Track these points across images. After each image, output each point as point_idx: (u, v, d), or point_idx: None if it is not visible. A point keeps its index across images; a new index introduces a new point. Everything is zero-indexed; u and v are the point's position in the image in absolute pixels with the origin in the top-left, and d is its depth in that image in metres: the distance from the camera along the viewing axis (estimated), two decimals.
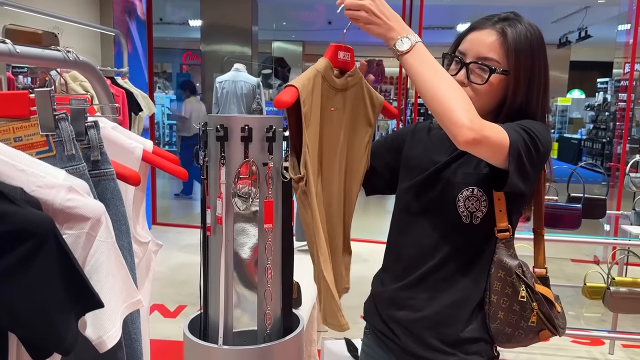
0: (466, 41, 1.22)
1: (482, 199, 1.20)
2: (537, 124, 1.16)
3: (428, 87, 1.06)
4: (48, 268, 0.65)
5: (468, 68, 1.19)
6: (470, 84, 1.19)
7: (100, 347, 0.75)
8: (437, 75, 1.08)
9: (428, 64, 1.09)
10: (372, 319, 1.39)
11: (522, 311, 1.20)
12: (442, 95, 1.05)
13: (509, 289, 1.20)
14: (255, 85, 5.79)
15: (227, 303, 1.77)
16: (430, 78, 1.07)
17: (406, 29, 1.11)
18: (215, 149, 1.62)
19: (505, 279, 1.20)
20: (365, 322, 1.45)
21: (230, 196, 1.60)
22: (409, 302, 1.28)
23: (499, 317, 1.21)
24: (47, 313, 0.65)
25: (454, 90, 1.06)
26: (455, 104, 1.03)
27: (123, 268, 0.78)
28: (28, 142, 0.82)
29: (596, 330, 3.27)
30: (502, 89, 1.19)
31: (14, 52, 0.92)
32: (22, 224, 0.63)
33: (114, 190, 0.90)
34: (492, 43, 1.18)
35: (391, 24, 1.10)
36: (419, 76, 1.09)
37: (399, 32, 1.10)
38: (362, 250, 5.03)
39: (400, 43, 1.09)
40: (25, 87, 3.78)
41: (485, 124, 1.04)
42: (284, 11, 11.08)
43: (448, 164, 1.25)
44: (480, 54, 1.18)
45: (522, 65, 1.17)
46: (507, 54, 1.17)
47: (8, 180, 0.67)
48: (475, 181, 1.20)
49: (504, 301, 1.20)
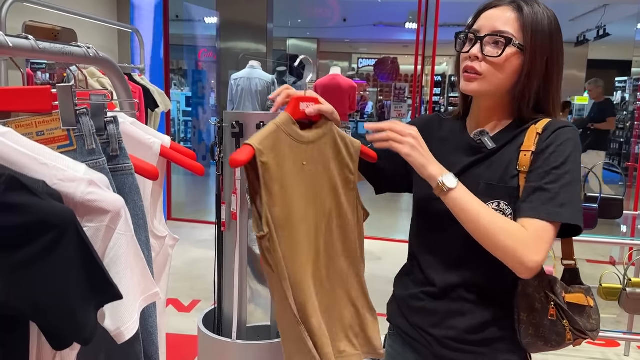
0: (480, 19, 1.19)
1: (508, 212, 1.15)
2: (569, 154, 1.11)
3: (478, 223, 1.08)
4: (69, 259, 0.66)
5: (482, 42, 1.15)
6: (485, 58, 1.15)
7: (118, 338, 0.77)
8: (483, 210, 1.09)
9: (472, 198, 1.10)
10: (397, 321, 1.36)
11: (552, 327, 1.17)
12: (494, 231, 1.07)
13: (538, 305, 1.17)
14: (270, 83, 5.81)
15: (241, 298, 1.79)
16: (476, 214, 1.08)
17: (440, 165, 1.13)
18: (231, 145, 1.64)
19: (533, 296, 1.17)
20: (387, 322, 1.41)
21: (245, 192, 1.62)
22: (435, 313, 1.25)
23: (530, 334, 1.18)
24: (68, 303, 0.67)
25: (504, 223, 1.08)
26: (510, 241, 1.05)
27: (141, 261, 0.79)
28: (50, 136, 0.83)
29: (611, 332, 3.24)
30: (518, 67, 1.15)
31: (36, 48, 0.94)
32: (44, 215, 0.65)
33: (132, 184, 0.91)
34: (508, 18, 1.14)
35: (431, 158, 1.13)
36: (466, 212, 1.10)
37: (437, 167, 1.12)
38: (375, 248, 5.03)
39: (447, 179, 1.10)
40: (43, 82, 3.83)
41: (538, 243, 1.06)
42: (299, 8, 11.08)
43: (468, 169, 1.21)
44: (495, 28, 1.14)
45: (538, 43, 1.13)
46: (524, 29, 1.13)
47: (31, 174, 0.69)
48: (501, 195, 1.15)
49: (533, 317, 1.17)
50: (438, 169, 1.11)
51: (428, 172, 1.11)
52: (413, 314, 1.30)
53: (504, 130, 1.22)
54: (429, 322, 1.26)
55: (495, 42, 1.14)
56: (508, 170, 1.16)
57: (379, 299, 1.43)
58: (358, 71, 15.82)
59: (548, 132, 1.14)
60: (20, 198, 0.64)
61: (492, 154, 1.19)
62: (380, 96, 15.02)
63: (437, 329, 1.24)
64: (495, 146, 1.19)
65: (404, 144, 1.11)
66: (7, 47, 0.89)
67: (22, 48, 0.94)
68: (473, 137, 1.24)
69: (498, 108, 1.22)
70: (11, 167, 0.68)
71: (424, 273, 1.27)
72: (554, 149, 1.11)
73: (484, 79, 1.16)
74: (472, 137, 1.24)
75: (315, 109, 1.21)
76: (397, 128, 1.13)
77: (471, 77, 1.17)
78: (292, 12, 11.32)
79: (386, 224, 6.25)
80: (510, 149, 1.18)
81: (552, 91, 1.18)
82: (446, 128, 1.32)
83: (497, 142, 1.20)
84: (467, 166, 1.21)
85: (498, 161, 1.18)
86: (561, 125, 1.15)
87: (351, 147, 1.28)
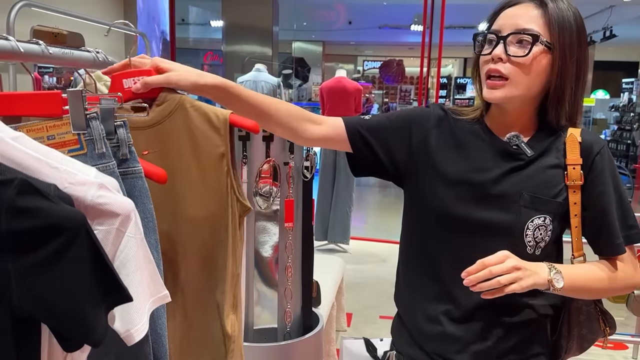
0: (500, 18, 1.09)
1: (550, 227, 1.09)
2: (619, 178, 1.12)
3: (595, 294, 1.13)
4: (80, 262, 0.67)
5: (506, 42, 1.05)
6: (509, 59, 1.05)
7: (128, 340, 0.77)
8: (592, 279, 1.10)
9: (579, 278, 1.08)
10: (409, 351, 1.20)
11: (590, 334, 1.18)
12: (611, 289, 1.12)
13: (583, 317, 1.17)
14: (276, 86, 5.82)
15: (248, 300, 1.80)
16: (589, 289, 1.10)
17: (536, 264, 1.03)
18: (238, 148, 1.65)
19: (581, 308, 1.16)
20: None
21: (252, 195, 1.63)
22: (461, 339, 1.13)
23: (576, 346, 1.19)
24: (79, 305, 0.67)
25: (612, 276, 1.10)
26: (624, 285, 1.13)
27: (151, 263, 0.80)
28: (60, 140, 0.84)
29: (620, 334, 3.22)
30: (546, 67, 1.06)
31: (46, 53, 0.96)
32: (56, 219, 0.66)
33: (142, 187, 0.92)
34: (532, 15, 1.05)
35: (532, 269, 1.01)
36: (580, 293, 1.11)
37: (540, 272, 1.03)
38: (380, 250, 5.02)
39: (557, 282, 1.03)
40: (50, 86, 3.86)
41: (636, 267, 1.12)
42: (304, 11, 11.11)
43: (506, 176, 1.11)
44: (519, 26, 1.04)
45: (566, 40, 1.05)
46: (550, 26, 1.04)
47: (42, 177, 0.70)
48: (548, 209, 1.09)
49: (579, 329, 1.17)
50: (541, 277, 1.02)
51: (539, 285, 1.02)
52: (427, 340, 1.16)
53: (535, 137, 1.14)
54: (451, 349, 1.13)
55: (520, 41, 1.04)
56: (552, 183, 1.10)
57: (386, 302, 1.43)
58: (363, 73, 15.84)
59: (595, 147, 1.10)
60: (32, 202, 0.64)
61: (531, 161, 1.11)
62: (385, 98, 15.03)
63: (464, 354, 1.13)
64: (534, 153, 1.11)
65: (517, 281, 0.98)
66: (18, 52, 0.90)
67: (33, 53, 0.96)
68: (508, 140, 1.13)
69: (525, 113, 1.13)
70: (23, 170, 0.69)
71: (438, 285, 1.15)
72: (611, 172, 1.11)
73: (510, 83, 1.06)
74: (506, 142, 1.13)
75: (142, 83, 0.98)
76: (493, 265, 0.97)
77: (496, 84, 1.07)
78: (298, 15, 11.36)
79: (391, 226, 6.24)
80: (549, 158, 1.12)
81: (580, 93, 1.11)
82: (463, 129, 1.18)
83: (532, 149, 1.12)
84: (506, 173, 1.11)
85: (538, 170, 1.11)
86: (602, 141, 1.13)
87: (215, 119, 1.03)
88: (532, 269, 1.01)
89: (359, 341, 2.72)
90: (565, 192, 1.10)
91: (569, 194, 1.09)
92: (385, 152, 1.19)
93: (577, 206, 1.09)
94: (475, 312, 1.11)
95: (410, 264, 1.23)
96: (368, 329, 3.51)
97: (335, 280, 3.02)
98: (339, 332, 3.35)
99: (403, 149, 1.19)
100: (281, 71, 8.64)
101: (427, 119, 1.20)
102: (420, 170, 1.17)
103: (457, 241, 1.12)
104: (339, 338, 3.12)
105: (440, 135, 1.18)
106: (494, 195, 1.10)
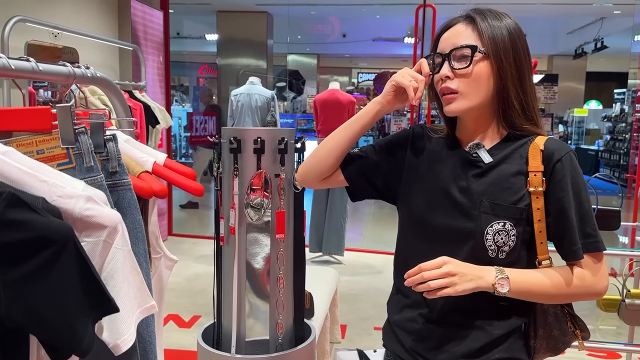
0: (440, 42, 1.21)
1: (512, 232, 1.13)
2: (583, 186, 1.14)
3: (546, 297, 1.15)
4: (68, 273, 0.68)
5: (450, 59, 1.16)
6: (455, 73, 1.15)
7: (115, 351, 0.78)
8: (542, 282, 1.12)
9: (527, 280, 1.12)
10: (393, 346, 1.31)
11: (561, 336, 1.21)
12: (566, 295, 1.15)
13: (551, 318, 1.20)
14: (270, 98, 5.85)
15: (240, 312, 1.80)
16: (539, 292, 1.13)
17: (484, 269, 1.10)
18: (229, 160, 1.66)
19: (548, 310, 1.20)
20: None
21: (243, 207, 1.64)
22: (434, 338, 1.21)
23: (543, 347, 1.21)
24: (67, 316, 0.69)
25: (568, 281, 1.13)
26: (582, 292, 1.14)
27: (138, 274, 0.81)
28: (50, 154, 0.86)
29: (612, 343, 3.23)
30: (489, 73, 1.15)
31: (37, 69, 0.97)
32: (44, 231, 0.67)
33: (130, 199, 0.94)
34: (465, 31, 1.16)
35: (476, 273, 1.09)
36: (529, 296, 1.13)
37: (485, 277, 1.09)
38: (375, 262, 5.02)
39: (500, 287, 1.09)
40: (45, 100, 3.87)
41: (600, 273, 1.14)
42: (298, 24, 11.19)
43: (469, 187, 1.18)
44: (456, 44, 1.16)
45: (499, 42, 1.14)
46: (481, 36, 1.15)
47: (31, 191, 0.71)
48: (507, 215, 1.13)
49: (545, 330, 1.20)
50: (485, 281, 1.09)
51: (483, 288, 1.09)
52: (408, 338, 1.25)
53: (498, 145, 1.20)
54: (424, 347, 1.22)
55: (461, 55, 1.15)
56: (514, 189, 1.14)
57: (381, 313, 1.43)
58: (358, 86, 15.91)
59: (556, 154, 1.14)
60: (20, 215, 0.66)
61: (489, 168, 1.17)
62: None
63: (435, 352, 1.20)
64: (492, 161, 1.17)
65: (451, 286, 1.06)
66: (9, 69, 0.92)
67: (23, 70, 0.97)
68: (469, 150, 1.20)
69: (485, 120, 1.20)
70: (12, 184, 0.70)
71: (422, 295, 1.17)
72: (572, 179, 1.13)
73: (461, 96, 1.16)
74: (467, 151, 1.21)
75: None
76: (427, 271, 1.06)
77: (449, 98, 1.17)
78: (292, 28, 11.43)
79: (386, 237, 6.25)
80: (510, 165, 1.17)
81: (529, 92, 1.18)
82: (437, 145, 1.29)
83: (492, 157, 1.18)
84: (468, 181, 1.18)
85: (498, 177, 1.16)
86: (566, 148, 1.16)
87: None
88: (477, 273, 1.09)
89: (353, 352, 2.72)
90: (529, 198, 1.13)
91: (532, 200, 1.13)
92: (382, 184, 1.33)
93: (540, 211, 1.14)
94: (449, 315, 1.19)
95: (397, 273, 1.32)
96: (363, 340, 3.51)
97: (329, 291, 3.02)
98: (333, 344, 3.34)
99: (393, 175, 1.31)
100: (275, 84, 8.68)
101: (406, 139, 1.33)
102: (402, 187, 1.29)
103: (427, 247, 1.19)
104: (332, 350, 3.12)
105: (415, 153, 1.30)
106: (458, 203, 1.18)
